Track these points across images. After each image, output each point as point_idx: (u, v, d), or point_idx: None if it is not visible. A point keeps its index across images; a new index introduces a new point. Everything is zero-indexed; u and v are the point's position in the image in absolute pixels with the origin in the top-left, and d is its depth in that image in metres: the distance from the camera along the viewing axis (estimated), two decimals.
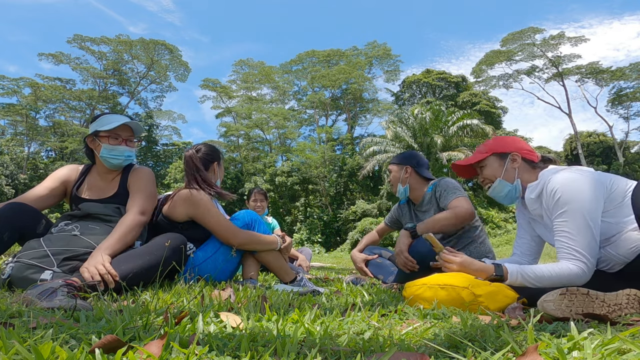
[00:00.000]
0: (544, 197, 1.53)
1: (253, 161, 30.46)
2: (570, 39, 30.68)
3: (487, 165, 1.74)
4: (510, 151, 1.69)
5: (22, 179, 26.83)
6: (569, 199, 1.42)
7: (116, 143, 1.93)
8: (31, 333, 0.77)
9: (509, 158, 1.69)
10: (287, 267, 2.13)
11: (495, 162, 1.72)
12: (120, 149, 1.94)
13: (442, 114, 21.38)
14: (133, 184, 1.94)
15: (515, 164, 1.68)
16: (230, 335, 0.81)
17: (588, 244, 1.39)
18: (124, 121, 1.94)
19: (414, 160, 2.52)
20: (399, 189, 2.51)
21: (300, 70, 35.70)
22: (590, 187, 1.42)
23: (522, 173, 1.68)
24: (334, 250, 23.19)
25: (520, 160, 1.68)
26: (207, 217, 1.97)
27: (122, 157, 1.95)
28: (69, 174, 2.00)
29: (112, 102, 34.77)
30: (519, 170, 1.68)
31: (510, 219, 22.02)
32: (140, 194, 1.88)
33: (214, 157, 2.20)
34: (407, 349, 0.78)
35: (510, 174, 1.68)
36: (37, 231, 1.75)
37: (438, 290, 1.46)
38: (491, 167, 1.72)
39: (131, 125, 1.97)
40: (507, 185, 1.69)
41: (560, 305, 1.18)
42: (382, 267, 2.57)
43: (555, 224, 1.47)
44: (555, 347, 0.71)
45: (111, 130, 1.92)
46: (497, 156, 1.72)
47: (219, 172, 2.24)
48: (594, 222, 1.40)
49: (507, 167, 1.69)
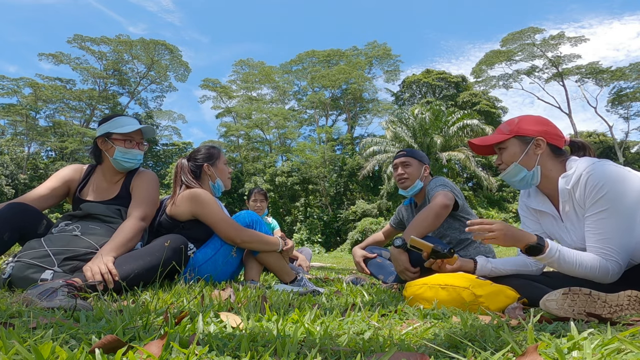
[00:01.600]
0: (579, 189, 1.42)
1: (253, 161, 30.46)
2: (570, 39, 30.67)
3: (507, 148, 1.57)
4: (535, 135, 1.52)
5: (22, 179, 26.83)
6: (614, 197, 1.33)
7: (130, 146, 1.95)
8: (31, 333, 0.77)
9: (532, 143, 1.52)
10: (288, 268, 2.13)
11: (517, 145, 1.55)
12: (134, 152, 1.95)
13: (442, 114, 21.39)
14: (136, 187, 1.95)
15: (539, 149, 1.52)
16: (230, 335, 0.81)
17: (624, 245, 1.33)
18: (140, 126, 1.96)
19: (428, 161, 2.51)
20: (416, 184, 2.43)
21: (300, 70, 35.70)
22: (637, 187, 1.34)
23: (544, 160, 1.52)
24: (334, 250, 23.19)
25: (545, 146, 1.52)
26: (210, 214, 1.98)
27: (135, 160, 1.97)
28: (73, 175, 2.00)
29: (112, 102, 34.77)
30: (542, 156, 1.52)
31: (510, 219, 22.01)
32: (142, 200, 1.89)
33: (204, 159, 2.20)
34: (407, 349, 0.78)
35: (531, 159, 1.53)
36: (38, 231, 1.76)
37: (439, 290, 1.46)
38: (511, 151, 1.56)
39: (144, 129, 1.99)
40: (523, 171, 1.54)
41: (563, 305, 1.18)
42: (382, 267, 2.57)
43: (592, 219, 1.38)
44: (555, 347, 0.71)
45: (127, 133, 1.93)
46: (519, 139, 1.55)
47: (214, 171, 2.21)
48: (632, 225, 1.33)
49: (528, 152, 1.52)
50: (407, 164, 2.46)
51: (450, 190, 2.21)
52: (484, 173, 21.24)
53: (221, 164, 2.25)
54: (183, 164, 2.19)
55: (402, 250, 2.02)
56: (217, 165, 2.23)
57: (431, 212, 2.07)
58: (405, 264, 2.00)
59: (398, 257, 2.02)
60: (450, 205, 2.13)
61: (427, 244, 1.67)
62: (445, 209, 2.09)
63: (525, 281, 1.54)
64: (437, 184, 2.29)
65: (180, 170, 2.17)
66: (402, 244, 2.01)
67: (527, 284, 1.51)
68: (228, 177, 2.29)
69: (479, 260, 1.67)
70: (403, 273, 2.02)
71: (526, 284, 1.51)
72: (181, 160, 2.22)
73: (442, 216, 2.10)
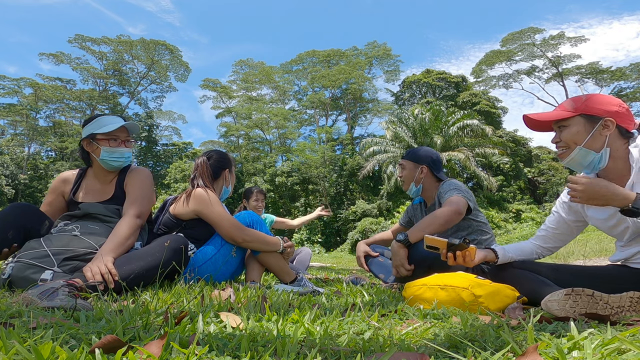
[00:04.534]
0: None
1: (253, 161, 30.45)
2: (570, 39, 30.70)
3: (569, 126, 1.44)
4: (604, 115, 1.40)
5: (22, 179, 26.84)
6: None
7: (116, 145, 1.92)
8: (31, 333, 0.77)
9: (600, 123, 1.40)
10: (288, 268, 2.13)
11: (581, 125, 1.42)
12: (121, 150, 1.93)
13: (442, 114, 21.39)
14: (130, 185, 1.94)
15: (607, 130, 1.40)
16: (230, 335, 0.81)
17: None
18: (122, 123, 1.93)
19: (429, 160, 2.42)
20: (411, 187, 2.44)
21: (300, 70, 35.70)
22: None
23: (612, 141, 1.41)
24: (334, 250, 23.19)
25: (614, 128, 1.41)
26: (213, 213, 2.00)
27: (123, 158, 1.95)
28: (64, 183, 1.99)
29: (112, 102, 34.78)
30: (610, 137, 1.41)
31: (510, 219, 22.00)
32: (136, 197, 1.88)
33: (225, 164, 2.27)
34: (407, 349, 0.78)
35: (598, 141, 1.41)
36: (41, 232, 1.76)
37: (438, 290, 1.46)
38: (573, 130, 1.43)
39: (127, 126, 1.96)
40: (590, 154, 1.42)
41: (565, 306, 1.18)
42: (383, 267, 2.57)
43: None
44: (555, 347, 0.71)
45: (110, 132, 1.92)
46: (585, 118, 1.42)
47: (230, 178, 2.30)
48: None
49: (594, 134, 1.41)
50: (403, 166, 2.48)
51: (464, 195, 2.18)
52: (484, 173, 21.25)
53: (234, 171, 2.35)
54: (205, 162, 2.20)
55: (403, 245, 2.05)
56: (232, 173, 2.33)
57: (442, 217, 2.05)
58: (403, 259, 2.03)
59: (397, 251, 2.05)
60: (463, 212, 2.12)
61: (441, 240, 1.65)
62: (457, 215, 2.08)
63: (531, 274, 1.54)
64: (450, 188, 2.25)
65: (201, 168, 2.18)
66: (404, 238, 2.03)
67: (533, 278, 1.51)
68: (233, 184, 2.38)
69: (498, 250, 1.68)
70: (399, 268, 2.05)
71: (532, 278, 1.51)
72: (204, 159, 2.22)
73: (452, 222, 2.09)
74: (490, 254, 1.67)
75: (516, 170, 26.37)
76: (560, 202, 1.69)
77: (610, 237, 1.61)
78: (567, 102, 1.50)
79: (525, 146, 29.33)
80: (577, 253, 8.07)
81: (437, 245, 1.67)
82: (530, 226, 18.82)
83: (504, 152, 24.05)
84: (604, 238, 10.47)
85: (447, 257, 1.65)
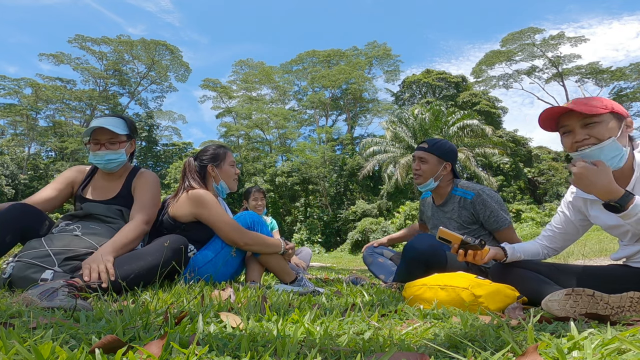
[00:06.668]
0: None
1: (253, 161, 30.45)
2: (570, 39, 30.71)
3: (602, 122, 1.44)
4: (626, 116, 1.46)
5: (22, 179, 26.84)
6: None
7: (96, 149, 1.93)
8: (31, 333, 0.77)
9: (624, 123, 1.45)
10: (288, 268, 2.13)
11: (613, 121, 1.44)
12: (100, 153, 1.93)
13: (442, 114, 21.39)
14: (139, 190, 1.95)
15: (628, 130, 1.46)
16: (230, 336, 0.81)
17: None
18: (94, 125, 1.91)
19: (454, 156, 2.28)
20: (429, 182, 2.25)
21: (300, 70, 35.71)
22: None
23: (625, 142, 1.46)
24: (334, 250, 23.19)
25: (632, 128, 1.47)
26: (212, 216, 1.97)
27: (103, 161, 1.93)
28: (76, 175, 2.03)
29: (113, 102, 34.79)
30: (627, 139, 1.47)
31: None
32: (145, 203, 1.89)
33: (206, 160, 2.18)
34: (407, 349, 0.78)
35: (623, 139, 1.45)
36: (40, 232, 1.76)
37: (438, 290, 1.46)
38: (610, 125, 1.43)
39: (107, 126, 1.89)
40: (619, 149, 1.43)
41: (565, 306, 1.18)
42: (383, 267, 2.57)
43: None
44: (555, 347, 0.71)
45: (92, 136, 1.93)
46: (615, 116, 1.45)
47: (218, 173, 2.18)
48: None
49: (622, 131, 1.44)
50: (424, 160, 2.26)
51: (511, 226, 2.13)
52: (484, 173, 21.23)
53: (226, 165, 2.21)
54: (191, 163, 2.18)
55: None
56: (222, 167, 2.20)
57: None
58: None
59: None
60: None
61: (456, 235, 1.63)
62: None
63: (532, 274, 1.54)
64: (496, 207, 2.11)
65: (187, 169, 2.16)
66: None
67: (533, 277, 1.51)
68: (234, 179, 2.25)
69: (507, 248, 1.68)
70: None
71: (533, 278, 1.51)
72: (190, 159, 2.21)
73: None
74: (500, 252, 1.68)
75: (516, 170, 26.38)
76: (565, 202, 1.70)
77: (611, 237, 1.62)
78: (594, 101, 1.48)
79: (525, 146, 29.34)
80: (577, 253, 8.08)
81: (450, 239, 1.65)
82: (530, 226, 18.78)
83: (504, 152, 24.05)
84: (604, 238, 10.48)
85: (457, 252, 1.65)
